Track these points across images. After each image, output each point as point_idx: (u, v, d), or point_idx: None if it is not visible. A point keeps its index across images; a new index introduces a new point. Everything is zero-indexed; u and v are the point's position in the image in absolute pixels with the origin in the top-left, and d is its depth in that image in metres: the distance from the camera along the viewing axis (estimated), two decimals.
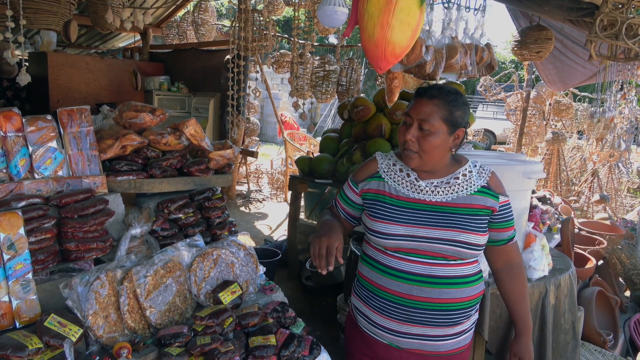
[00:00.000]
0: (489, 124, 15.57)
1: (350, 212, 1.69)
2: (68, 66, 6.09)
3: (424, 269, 1.51)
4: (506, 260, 1.67)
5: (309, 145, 8.67)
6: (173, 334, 1.46)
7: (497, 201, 1.57)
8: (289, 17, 15.46)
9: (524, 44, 4.04)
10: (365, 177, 1.64)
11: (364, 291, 1.64)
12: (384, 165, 1.63)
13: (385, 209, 1.55)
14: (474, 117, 3.99)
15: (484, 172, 1.61)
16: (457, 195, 1.54)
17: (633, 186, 7.66)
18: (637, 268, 3.78)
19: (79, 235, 1.47)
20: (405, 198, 1.55)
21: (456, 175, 1.57)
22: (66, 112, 1.59)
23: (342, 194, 1.71)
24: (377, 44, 1.59)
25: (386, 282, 1.55)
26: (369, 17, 1.56)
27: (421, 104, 1.50)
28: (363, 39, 1.62)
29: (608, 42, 2.54)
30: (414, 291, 1.51)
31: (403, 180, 1.58)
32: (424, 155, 1.50)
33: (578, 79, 5.37)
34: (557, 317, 2.33)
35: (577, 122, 7.98)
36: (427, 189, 1.55)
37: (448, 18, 2.25)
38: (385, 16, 1.55)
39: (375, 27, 1.57)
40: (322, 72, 4.90)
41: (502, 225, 1.61)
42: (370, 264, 1.62)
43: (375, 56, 1.64)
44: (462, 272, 1.54)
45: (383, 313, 1.57)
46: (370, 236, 1.59)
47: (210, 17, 6.99)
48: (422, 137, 1.48)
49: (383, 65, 1.64)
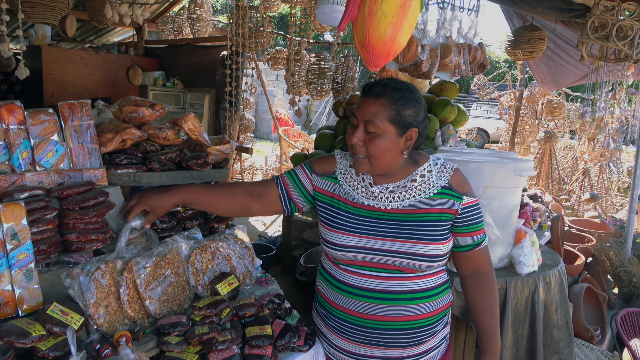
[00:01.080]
0: (483, 122, 15.69)
1: (290, 192, 1.53)
2: (62, 60, 6.08)
3: (379, 284, 1.37)
4: (473, 267, 1.51)
5: (303, 142, 8.71)
6: (172, 323, 1.49)
7: (461, 202, 1.42)
8: (284, 14, 15.46)
9: (517, 43, 4.10)
10: (322, 173, 1.51)
11: (321, 309, 1.53)
12: (341, 165, 1.51)
13: (339, 217, 1.43)
14: (467, 115, 4.04)
15: (446, 170, 1.45)
16: (414, 201, 1.40)
17: (623, 185, 7.77)
18: (624, 265, 3.86)
19: (80, 226, 1.50)
20: (359, 205, 1.43)
21: (413, 178, 1.43)
22: (67, 105, 1.61)
23: (292, 172, 1.55)
24: (385, 43, 1.61)
25: (341, 300, 1.43)
26: (382, 16, 1.58)
27: (366, 104, 1.35)
28: (370, 37, 1.64)
29: (599, 44, 2.60)
30: (369, 309, 1.38)
31: (358, 185, 1.45)
32: (373, 160, 1.36)
33: (570, 79, 5.45)
34: (548, 312, 2.38)
35: (569, 121, 8.08)
36: (381, 194, 1.42)
37: (442, 18, 2.30)
38: (400, 17, 1.55)
39: (387, 27, 1.58)
40: (317, 70, 4.94)
41: (468, 229, 1.46)
42: (326, 278, 1.51)
43: (379, 54, 1.66)
44: (422, 286, 1.40)
45: (341, 334, 1.45)
46: (324, 246, 1.48)
47: (206, 13, 7.00)
48: (368, 140, 1.33)
49: (382, 63, 1.67)
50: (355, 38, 1.74)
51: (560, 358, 2.39)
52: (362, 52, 1.75)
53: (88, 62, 6.34)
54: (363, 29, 1.69)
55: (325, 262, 1.53)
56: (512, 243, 2.39)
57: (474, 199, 1.46)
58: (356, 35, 1.74)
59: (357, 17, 1.70)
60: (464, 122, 4.07)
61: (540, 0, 2.80)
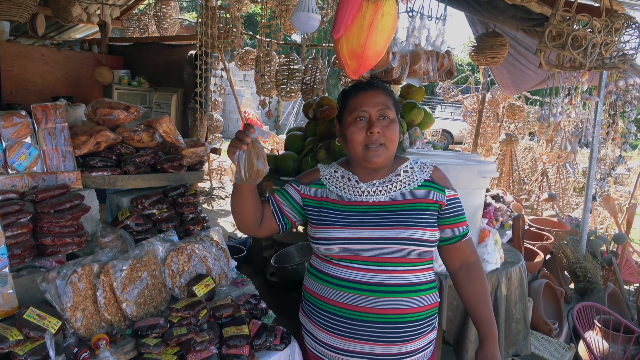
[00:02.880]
0: (447, 124, 16.06)
1: (282, 207, 1.59)
2: (22, 57, 5.86)
3: (371, 276, 1.42)
4: (462, 259, 1.58)
5: (272, 142, 8.70)
6: (150, 325, 1.50)
7: (444, 194, 1.51)
8: (251, 13, 15.37)
9: (479, 49, 4.25)
10: (308, 182, 1.58)
11: (308, 306, 1.56)
12: (325, 173, 1.59)
13: (328, 215, 1.49)
14: (433, 118, 4.16)
15: (426, 167, 1.56)
16: (400, 192, 1.49)
17: (578, 186, 8.15)
18: (580, 262, 4.07)
19: (55, 230, 1.49)
20: (347, 202, 1.50)
21: (397, 173, 1.52)
22: (41, 108, 1.60)
23: (282, 190, 1.62)
24: (377, 55, 1.69)
25: (330, 294, 1.46)
26: (382, 30, 1.66)
27: (373, 96, 1.46)
28: (367, 49, 1.70)
29: (556, 52, 2.75)
30: (359, 301, 1.42)
31: (345, 185, 1.53)
32: (391, 144, 1.45)
33: (530, 83, 5.69)
34: (509, 307, 2.50)
35: (528, 124, 8.41)
36: (368, 190, 1.50)
37: (412, 26, 2.39)
38: (391, 32, 1.64)
39: (383, 41, 1.68)
40: (286, 71, 4.96)
41: (453, 220, 1.53)
42: (315, 275, 1.54)
43: (369, 65, 1.74)
44: (412, 280, 1.45)
45: (327, 329, 1.48)
46: (315, 246, 1.51)
47: (173, 11, 6.91)
48: (385, 126, 1.44)
49: (364, 72, 1.74)
50: (342, 46, 1.79)
51: (517, 349, 2.52)
52: (350, 61, 1.81)
53: (49, 59, 6.14)
54: (359, 41, 1.75)
55: (315, 262, 1.56)
56: (476, 242, 2.49)
57: (455, 192, 1.55)
58: (347, 44, 1.79)
59: (352, 27, 1.75)
60: (430, 124, 4.19)
61: (502, 10, 2.93)
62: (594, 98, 3.95)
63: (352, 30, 1.79)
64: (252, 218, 1.55)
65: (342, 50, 1.82)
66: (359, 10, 1.79)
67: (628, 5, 3.50)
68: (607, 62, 3.11)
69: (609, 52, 2.93)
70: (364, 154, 1.45)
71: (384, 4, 1.85)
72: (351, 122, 1.47)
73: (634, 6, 3.60)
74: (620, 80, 4.46)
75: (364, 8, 1.80)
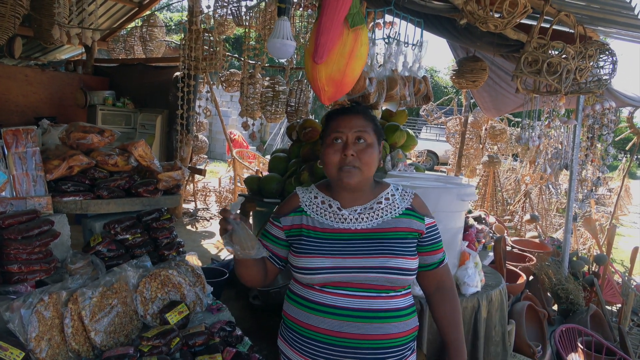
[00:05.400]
0: (432, 145, 16.24)
1: (274, 251, 1.56)
2: (5, 77, 5.84)
3: (355, 302, 1.41)
4: (437, 283, 1.60)
5: (257, 164, 8.70)
6: (118, 355, 1.46)
7: (423, 223, 1.52)
8: (239, 35, 15.53)
9: (461, 73, 4.33)
10: (288, 212, 1.55)
11: (289, 333, 1.52)
12: (305, 198, 1.56)
13: (309, 243, 1.46)
14: (416, 140, 4.20)
15: (407, 194, 1.56)
16: (382, 220, 1.48)
17: (561, 206, 8.24)
18: (562, 283, 4.08)
19: (23, 257, 1.46)
20: (329, 229, 1.47)
21: (379, 200, 1.52)
22: (11, 132, 1.57)
23: (265, 232, 1.59)
24: (353, 82, 1.71)
25: (314, 320, 1.43)
26: (359, 57, 1.69)
27: (351, 119, 1.47)
28: (347, 75, 1.73)
29: (532, 78, 2.81)
30: (345, 327, 1.40)
31: (325, 212, 1.51)
32: (365, 168, 1.45)
33: (510, 106, 5.80)
34: (489, 329, 2.49)
35: (511, 145, 8.54)
36: (350, 217, 1.48)
37: (389, 52, 2.42)
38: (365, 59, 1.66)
39: (359, 68, 1.70)
40: (271, 93, 4.99)
41: (431, 247, 1.55)
42: (297, 301, 1.50)
43: (344, 92, 1.76)
44: (395, 305, 1.45)
45: (310, 356, 1.44)
46: (297, 274, 1.48)
47: (159, 33, 6.95)
48: (361, 150, 1.44)
49: (338, 98, 1.76)
50: (320, 72, 1.79)
51: None
52: (328, 87, 1.81)
53: (33, 80, 6.12)
54: (339, 67, 1.77)
55: (295, 287, 1.53)
56: (456, 265, 2.49)
57: (433, 220, 1.56)
58: (326, 70, 1.79)
59: (332, 53, 1.77)
60: (413, 146, 4.23)
61: (479, 36, 3.00)
62: (572, 122, 4.02)
63: (332, 57, 1.81)
64: (259, 278, 1.55)
65: (320, 76, 1.83)
66: (339, 37, 1.81)
67: (602, 33, 3.61)
68: (583, 87, 3.19)
69: (584, 78, 3.01)
70: (338, 175, 1.45)
71: (362, 33, 1.88)
72: (329, 143, 1.48)
73: (608, 33, 3.71)
74: (597, 104, 4.57)
75: (345, 35, 1.83)
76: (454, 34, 3.01)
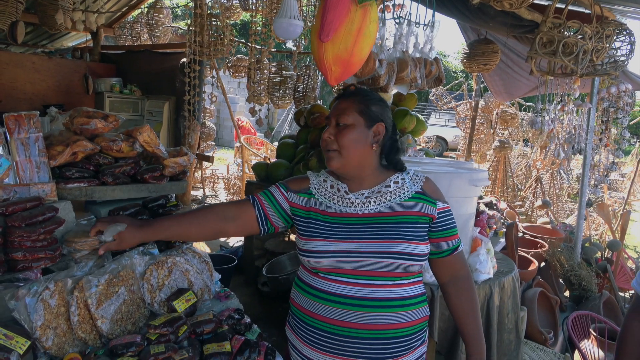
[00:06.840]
0: (441, 131, 16.10)
1: (268, 212, 1.53)
2: (12, 65, 5.82)
3: (360, 291, 1.37)
4: (452, 272, 1.55)
5: (266, 150, 8.66)
6: (126, 343, 1.44)
7: (435, 207, 1.47)
8: (246, 21, 15.39)
9: (472, 56, 4.24)
10: (297, 190, 1.54)
11: (295, 321, 1.51)
12: (315, 182, 1.55)
13: (316, 227, 1.45)
14: (425, 125, 4.14)
15: (418, 178, 1.52)
16: (390, 204, 1.44)
17: (573, 192, 8.13)
18: (574, 269, 4.03)
19: (27, 244, 1.43)
20: (336, 213, 1.45)
21: (387, 184, 1.48)
22: (13, 117, 1.54)
23: (267, 192, 1.56)
24: (361, 62, 1.66)
25: (318, 308, 1.42)
26: (368, 36, 1.63)
27: (339, 104, 1.48)
28: (354, 55, 1.67)
29: (547, 59, 2.73)
30: (347, 317, 1.37)
31: (333, 196, 1.49)
32: (344, 151, 1.41)
33: (522, 90, 5.68)
34: (501, 317, 2.46)
35: (522, 130, 8.41)
36: (357, 201, 1.46)
37: (399, 33, 2.35)
38: (374, 39, 1.62)
39: (368, 47, 1.65)
40: (279, 78, 4.93)
41: (444, 233, 1.50)
42: (302, 288, 1.49)
43: (352, 72, 1.70)
44: (401, 294, 1.41)
45: (313, 345, 1.43)
46: (303, 257, 1.47)
47: (165, 19, 6.88)
48: (338, 132, 1.42)
49: (345, 79, 1.71)
50: (327, 51, 1.73)
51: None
52: (335, 67, 1.75)
53: (40, 68, 6.09)
54: (347, 46, 1.70)
55: (303, 274, 1.51)
56: (468, 251, 2.45)
57: (446, 205, 1.51)
58: (332, 49, 1.73)
59: (339, 31, 1.70)
60: (423, 131, 4.17)
61: (492, 16, 2.91)
62: (586, 105, 3.92)
63: (339, 35, 1.74)
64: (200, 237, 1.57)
65: (327, 55, 1.77)
66: (347, 14, 1.74)
67: (619, 12, 3.49)
68: (599, 69, 3.09)
69: (600, 59, 2.91)
70: (325, 156, 1.48)
71: (371, 10, 1.81)
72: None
73: (625, 12, 3.59)
74: (612, 87, 4.45)
75: (353, 12, 1.76)
76: (465, 14, 2.92)
